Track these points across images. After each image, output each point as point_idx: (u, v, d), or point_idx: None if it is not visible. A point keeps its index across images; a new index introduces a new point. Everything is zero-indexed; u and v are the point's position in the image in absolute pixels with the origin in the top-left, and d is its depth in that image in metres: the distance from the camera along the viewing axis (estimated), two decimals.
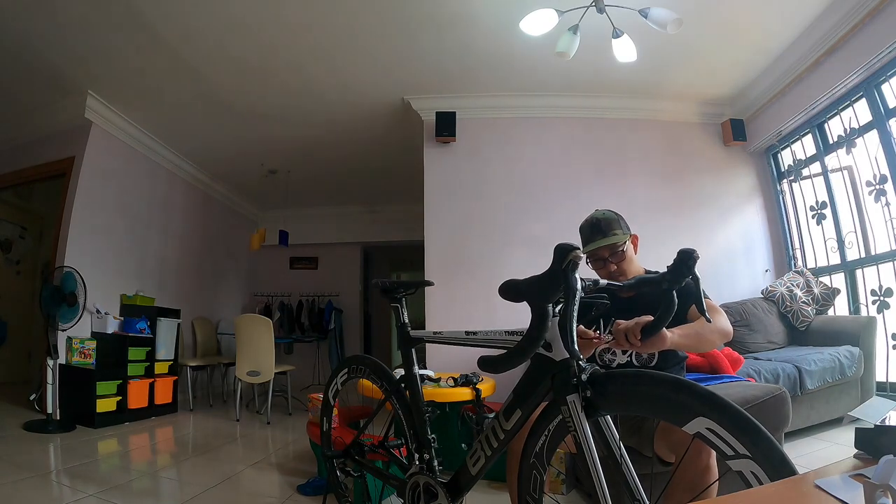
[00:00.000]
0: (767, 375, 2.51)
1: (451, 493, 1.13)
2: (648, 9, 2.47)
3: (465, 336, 1.14)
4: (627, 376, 0.85)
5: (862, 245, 3.19)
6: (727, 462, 0.69)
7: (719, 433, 0.69)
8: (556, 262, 0.73)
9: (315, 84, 3.77)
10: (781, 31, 3.17)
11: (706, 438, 0.71)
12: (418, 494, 1.22)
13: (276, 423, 3.90)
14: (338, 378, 1.71)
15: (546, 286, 0.75)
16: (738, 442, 0.67)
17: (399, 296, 1.43)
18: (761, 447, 0.65)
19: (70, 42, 3.15)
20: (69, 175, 3.85)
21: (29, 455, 2.64)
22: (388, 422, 1.53)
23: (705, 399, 0.72)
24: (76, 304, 3.37)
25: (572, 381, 0.84)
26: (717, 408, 0.70)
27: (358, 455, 1.58)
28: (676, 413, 0.74)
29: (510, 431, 0.99)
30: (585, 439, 0.81)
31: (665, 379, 0.78)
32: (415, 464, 1.28)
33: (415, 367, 1.37)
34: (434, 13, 2.97)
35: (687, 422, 0.72)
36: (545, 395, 0.93)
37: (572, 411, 0.83)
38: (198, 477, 2.44)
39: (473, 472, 1.07)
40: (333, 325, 6.84)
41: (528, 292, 0.77)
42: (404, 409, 1.37)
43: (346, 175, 5.76)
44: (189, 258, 5.38)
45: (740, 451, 0.67)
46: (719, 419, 0.69)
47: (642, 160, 3.96)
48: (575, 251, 0.72)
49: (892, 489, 0.46)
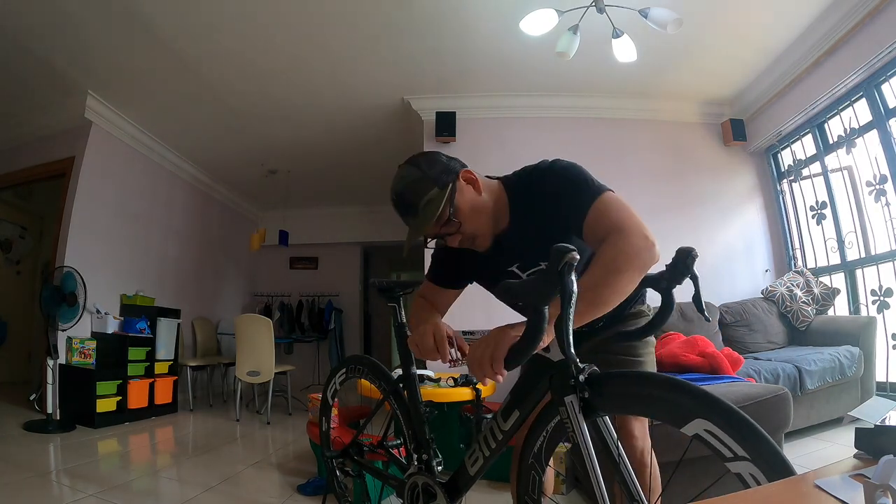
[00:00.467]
0: (767, 375, 2.51)
1: (450, 493, 1.13)
2: (648, 9, 2.47)
3: (462, 336, 1.14)
4: (626, 377, 0.85)
5: (862, 245, 3.19)
6: (726, 464, 0.68)
7: (718, 435, 0.68)
8: (552, 264, 0.73)
9: (315, 84, 3.77)
10: (781, 31, 3.17)
11: (704, 440, 0.70)
12: (417, 494, 1.22)
13: (276, 423, 3.90)
14: (336, 378, 1.70)
15: (542, 288, 0.75)
16: (737, 444, 0.67)
17: (397, 295, 1.43)
18: (761, 449, 0.65)
19: (70, 42, 3.15)
20: (69, 175, 3.85)
21: (29, 455, 2.64)
22: (386, 422, 1.52)
23: (703, 400, 0.71)
24: (76, 304, 3.37)
25: (569, 382, 0.83)
26: (716, 409, 0.69)
27: (357, 455, 1.58)
28: (674, 414, 0.73)
29: (508, 432, 0.98)
30: (583, 440, 0.81)
31: (663, 380, 0.78)
32: (413, 464, 1.28)
33: (413, 367, 1.36)
34: (434, 13, 2.97)
35: (685, 423, 0.72)
36: (543, 395, 0.92)
37: (570, 412, 0.83)
38: (198, 477, 2.44)
39: (472, 473, 1.07)
40: (333, 325, 6.84)
41: (523, 294, 0.77)
42: (403, 409, 1.37)
43: (346, 175, 5.76)
44: (189, 258, 5.38)
45: (739, 453, 0.66)
46: (717, 421, 0.68)
47: (642, 160, 3.96)
48: (571, 253, 0.71)
49: (892, 489, 0.46)
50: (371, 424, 1.59)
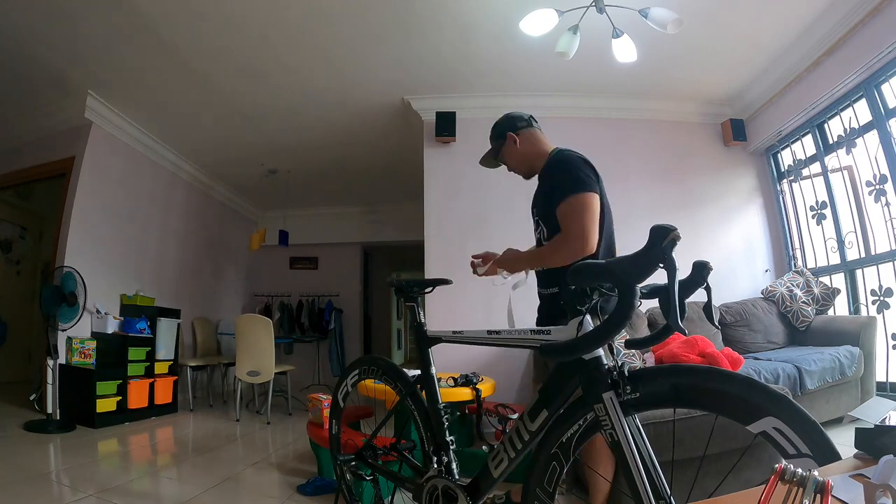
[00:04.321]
0: (767, 375, 2.51)
1: (472, 495, 1.11)
2: (648, 9, 2.47)
3: (488, 335, 1.11)
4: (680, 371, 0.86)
5: (862, 245, 3.19)
6: (786, 461, 0.70)
7: (785, 433, 0.72)
8: (655, 241, 0.74)
9: (316, 84, 3.77)
10: (781, 31, 3.17)
11: (770, 437, 0.73)
12: (437, 497, 1.19)
13: (276, 423, 3.90)
14: (348, 380, 1.66)
15: (641, 264, 0.76)
16: (803, 443, 0.70)
17: (414, 294, 1.40)
18: (824, 450, 0.68)
19: (70, 42, 3.15)
20: (69, 175, 3.85)
21: (29, 455, 2.64)
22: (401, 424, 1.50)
23: (778, 400, 0.74)
24: (76, 304, 3.37)
25: (607, 378, 0.83)
26: (789, 409, 0.73)
27: (371, 458, 1.54)
28: (744, 411, 0.76)
29: (535, 433, 0.96)
30: (626, 439, 0.80)
31: (737, 377, 0.80)
32: (432, 466, 1.25)
33: (432, 368, 1.33)
34: (434, 13, 2.97)
35: (754, 420, 0.74)
36: (572, 393, 0.92)
37: (609, 410, 0.82)
38: (198, 477, 2.44)
39: (496, 475, 1.05)
40: (333, 325, 6.84)
41: (617, 271, 0.78)
42: (420, 410, 1.33)
43: (346, 175, 5.76)
44: (189, 258, 5.38)
45: (803, 450, 0.70)
46: (788, 419, 0.72)
47: (642, 160, 3.96)
48: (674, 231, 0.73)
49: (892, 489, 0.46)
50: (373, 426, 1.57)
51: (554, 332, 0.96)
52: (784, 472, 0.46)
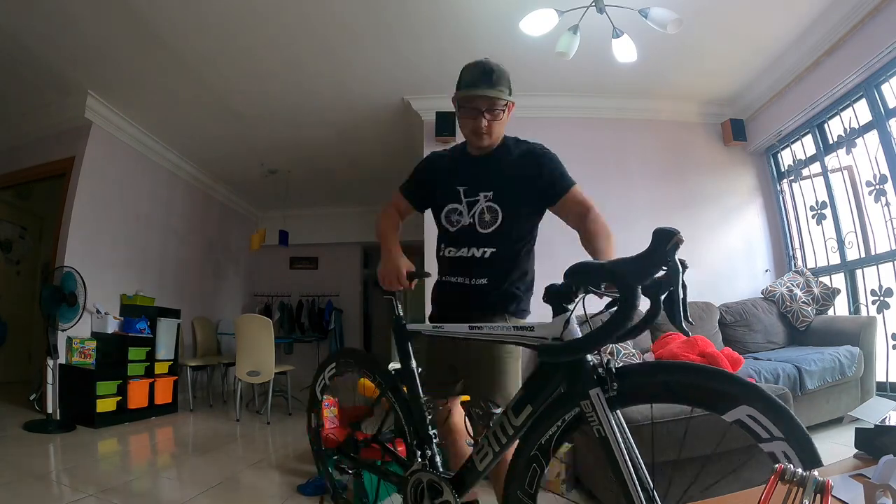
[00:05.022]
0: (767, 375, 2.51)
1: (456, 488, 1.12)
2: (648, 9, 2.47)
3: (469, 331, 1.11)
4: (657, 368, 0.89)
5: (862, 245, 3.19)
6: (760, 445, 0.75)
7: (759, 419, 0.75)
8: (659, 244, 0.74)
9: (315, 84, 3.77)
10: (781, 31, 3.17)
11: (745, 424, 0.76)
12: (421, 491, 1.20)
13: (276, 424, 3.90)
14: (325, 373, 1.65)
15: (644, 266, 0.76)
16: (775, 426, 0.74)
17: (394, 288, 1.40)
18: (795, 431, 0.73)
19: (70, 42, 3.15)
20: (69, 175, 3.85)
21: (29, 455, 2.63)
22: (383, 417, 1.50)
23: (748, 388, 0.78)
24: (76, 304, 3.37)
25: (593, 375, 0.84)
26: (759, 396, 0.76)
27: (353, 452, 1.55)
28: (719, 402, 0.79)
29: (519, 427, 0.97)
30: (613, 434, 0.81)
31: (710, 370, 0.83)
32: (416, 460, 1.26)
33: (412, 362, 1.34)
34: (434, 14, 2.97)
35: (728, 410, 0.77)
36: (557, 389, 0.92)
37: (596, 406, 0.83)
38: (198, 477, 2.44)
39: (480, 469, 1.06)
40: (333, 325, 6.84)
41: (617, 272, 0.78)
42: (402, 404, 1.34)
43: (346, 175, 5.75)
44: (189, 258, 5.38)
45: (776, 434, 0.74)
46: (760, 406, 0.75)
47: (642, 160, 3.96)
48: (677, 235, 0.74)
49: (892, 489, 0.46)
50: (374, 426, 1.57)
51: (538, 328, 0.96)
52: (784, 472, 0.46)
